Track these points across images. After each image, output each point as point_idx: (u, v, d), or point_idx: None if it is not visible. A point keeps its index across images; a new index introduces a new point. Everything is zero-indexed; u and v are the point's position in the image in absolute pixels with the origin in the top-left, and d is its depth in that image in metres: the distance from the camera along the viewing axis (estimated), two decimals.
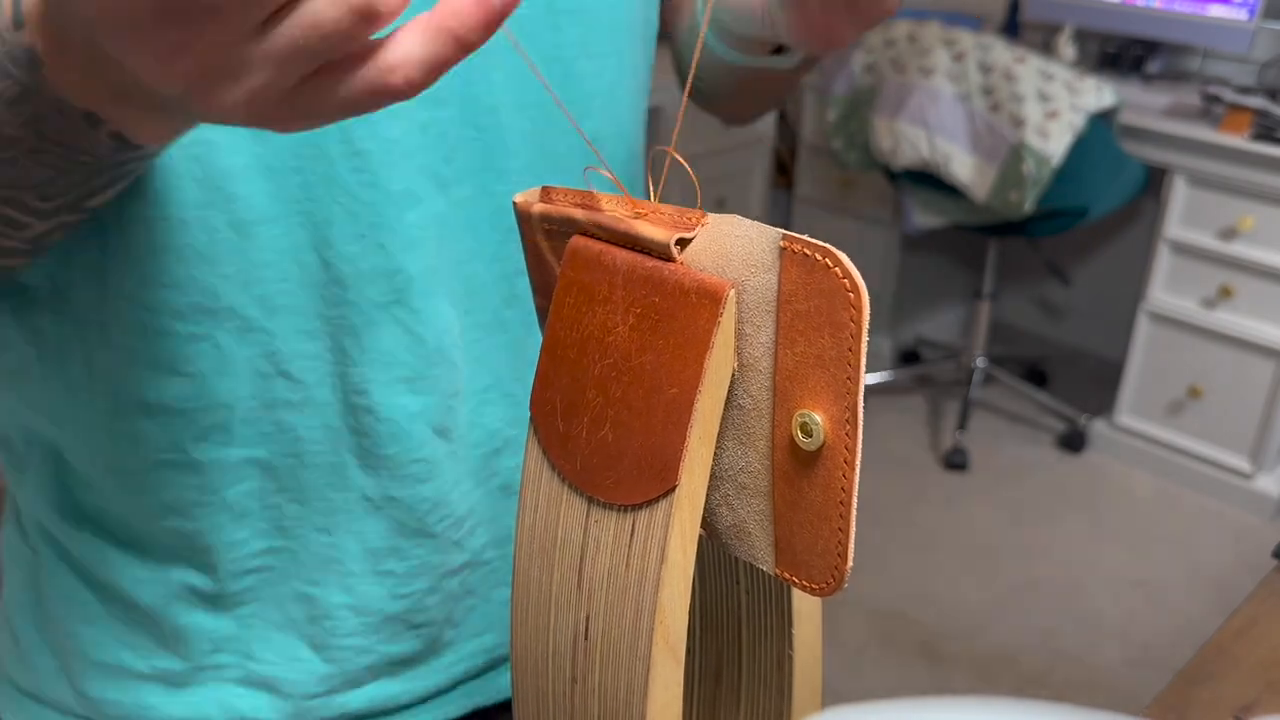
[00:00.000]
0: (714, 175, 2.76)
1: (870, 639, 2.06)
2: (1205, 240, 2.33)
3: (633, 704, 0.38)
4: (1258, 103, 2.21)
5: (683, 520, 0.37)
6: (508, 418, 0.60)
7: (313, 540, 0.57)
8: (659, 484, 0.36)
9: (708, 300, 0.36)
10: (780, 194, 3.17)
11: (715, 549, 0.48)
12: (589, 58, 0.56)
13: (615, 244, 0.38)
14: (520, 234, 0.43)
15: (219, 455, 0.54)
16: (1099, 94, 2.20)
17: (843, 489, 0.35)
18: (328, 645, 0.59)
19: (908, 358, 3.04)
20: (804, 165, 2.97)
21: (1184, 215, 2.35)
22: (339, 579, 0.58)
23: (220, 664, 0.58)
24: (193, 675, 0.58)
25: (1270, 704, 0.65)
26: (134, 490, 0.54)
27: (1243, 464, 2.41)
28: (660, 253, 0.37)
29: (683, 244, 0.37)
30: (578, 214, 0.39)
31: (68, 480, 0.57)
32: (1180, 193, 2.34)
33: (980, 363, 2.74)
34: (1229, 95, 2.26)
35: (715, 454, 0.38)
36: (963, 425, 2.65)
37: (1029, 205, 2.20)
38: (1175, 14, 2.47)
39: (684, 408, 0.36)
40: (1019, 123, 2.17)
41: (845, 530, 0.35)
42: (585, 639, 0.39)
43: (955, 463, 2.58)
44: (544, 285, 0.43)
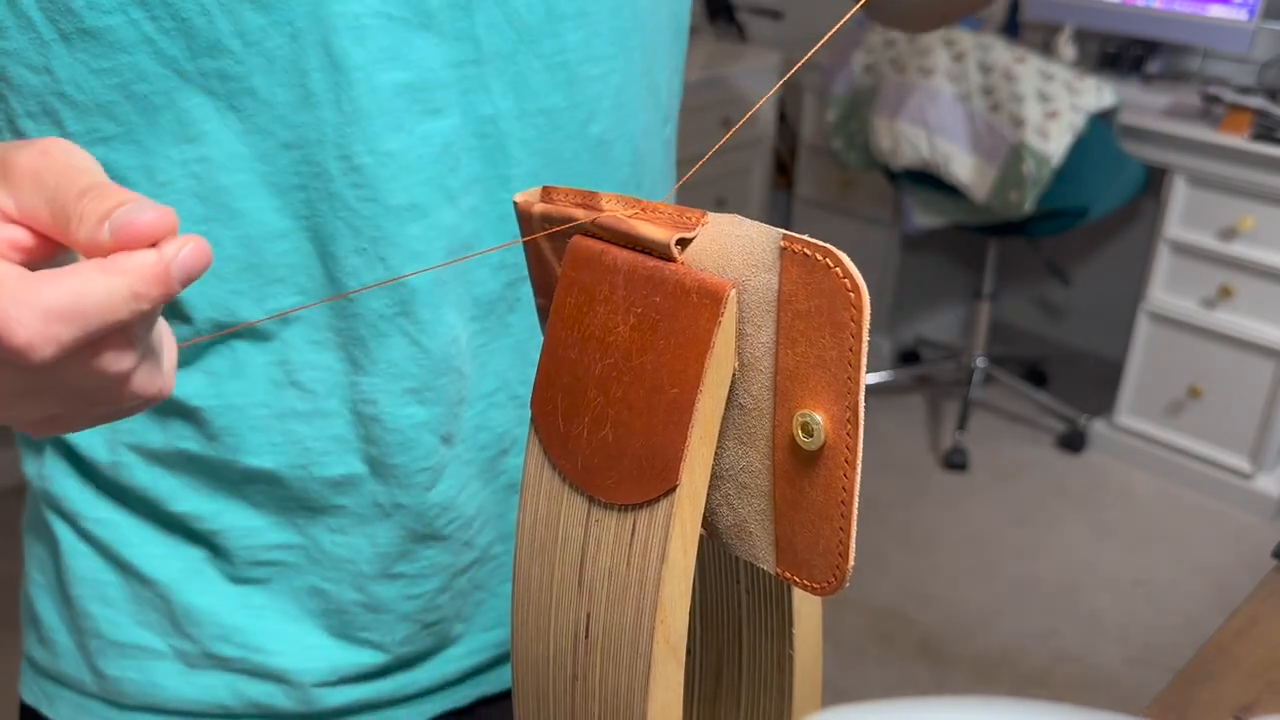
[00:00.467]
0: (714, 175, 2.76)
1: (870, 639, 2.06)
2: (1205, 240, 2.33)
3: (633, 703, 0.38)
4: (1258, 103, 2.21)
5: (683, 520, 0.37)
6: (514, 419, 0.60)
7: (325, 539, 0.58)
8: (660, 484, 0.37)
9: (709, 300, 0.36)
10: (780, 194, 3.17)
11: (716, 549, 0.48)
12: (593, 61, 0.56)
13: (616, 244, 0.38)
14: (521, 234, 0.43)
15: (232, 458, 0.55)
16: (1099, 94, 2.20)
17: (844, 489, 0.35)
18: (344, 634, 0.60)
19: (908, 358, 3.04)
20: (804, 165, 2.97)
21: (1184, 215, 2.36)
22: (351, 578, 0.59)
23: (226, 655, 0.59)
24: (202, 660, 0.59)
25: (1270, 704, 0.65)
26: (155, 469, 0.56)
27: (1243, 464, 2.41)
28: (661, 252, 0.37)
29: (683, 244, 0.37)
30: (578, 214, 0.39)
31: (87, 456, 0.58)
32: (1180, 193, 2.34)
33: (980, 363, 2.74)
34: (1229, 95, 2.27)
35: (716, 454, 0.38)
36: (963, 425, 2.65)
37: (1029, 205, 2.20)
38: (1175, 14, 2.47)
39: (685, 407, 0.36)
40: (1019, 123, 2.17)
41: (846, 530, 0.35)
42: (586, 637, 0.39)
43: (955, 463, 2.58)
44: (545, 285, 0.43)
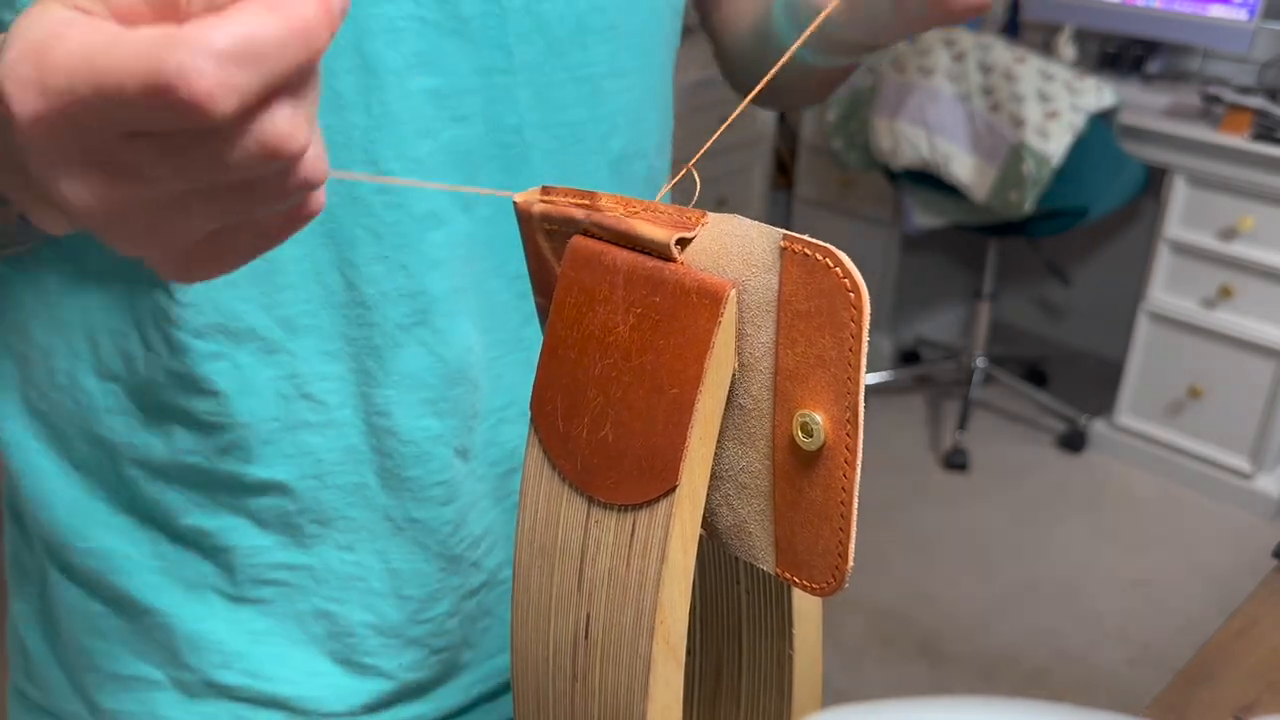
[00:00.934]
0: (714, 175, 2.76)
1: (870, 639, 2.06)
2: (1205, 240, 2.33)
3: (633, 703, 0.38)
4: (1258, 103, 2.21)
5: (683, 520, 0.37)
6: (524, 436, 0.59)
7: (334, 558, 0.56)
8: (659, 484, 0.36)
9: (708, 300, 0.35)
10: (780, 194, 3.17)
11: (716, 549, 0.48)
12: (617, 76, 0.56)
13: (615, 244, 0.38)
14: (521, 234, 0.43)
15: (240, 470, 0.54)
16: (1099, 94, 2.20)
17: (843, 489, 0.35)
18: (350, 660, 0.58)
19: (908, 358, 3.04)
20: (804, 165, 2.97)
21: (1184, 215, 2.35)
22: (361, 596, 0.57)
23: (228, 683, 0.57)
24: (203, 688, 0.57)
25: (1270, 704, 0.65)
26: (159, 483, 0.54)
27: (1243, 464, 2.41)
28: (661, 252, 0.37)
29: (683, 244, 0.37)
30: (578, 214, 0.39)
31: (92, 469, 0.56)
32: (1180, 193, 2.34)
33: (980, 363, 2.74)
34: (1229, 95, 2.26)
35: (716, 454, 0.38)
36: (963, 425, 2.65)
37: (1029, 205, 2.20)
38: (1175, 14, 2.47)
39: (685, 408, 0.36)
40: (1019, 123, 2.17)
41: (846, 530, 0.35)
42: (586, 638, 0.39)
43: (955, 463, 2.57)
44: (544, 285, 0.43)
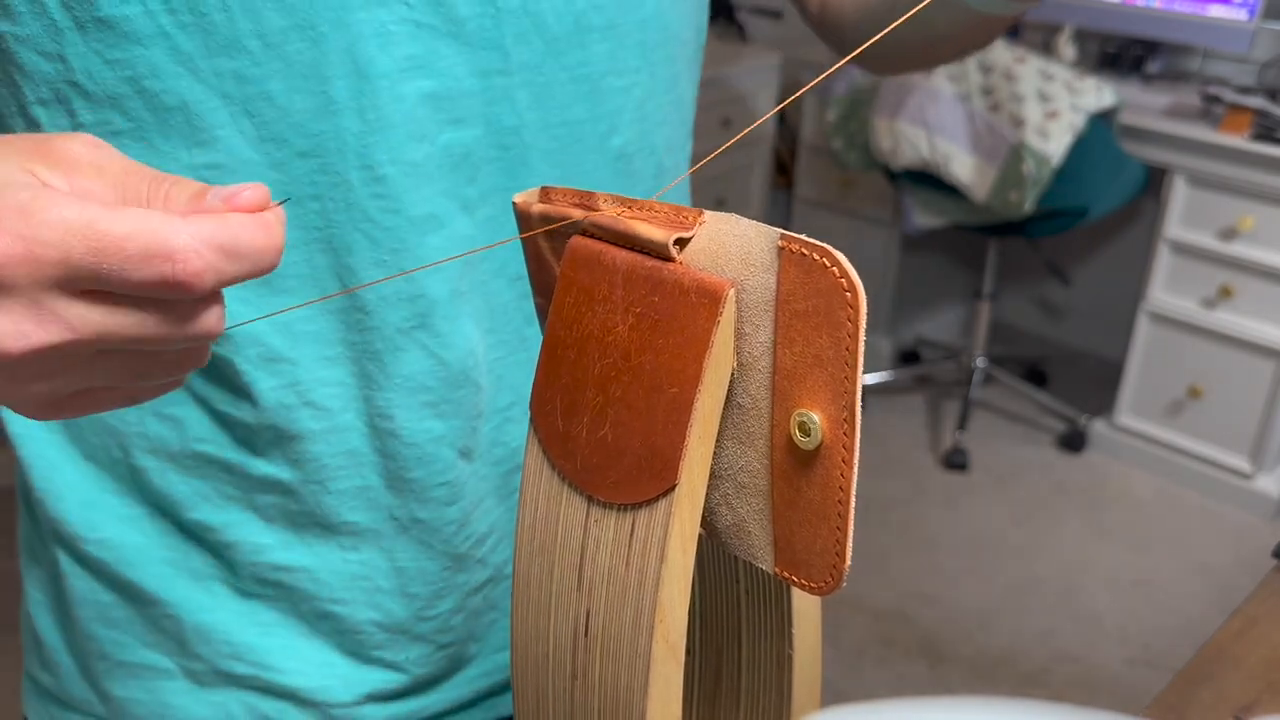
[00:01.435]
0: (714, 175, 2.76)
1: (870, 639, 2.06)
2: (1205, 240, 2.33)
3: (633, 702, 0.38)
4: (1258, 103, 2.21)
5: (682, 519, 0.37)
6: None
7: (337, 558, 0.56)
8: (659, 483, 0.37)
9: (707, 300, 0.36)
10: (780, 194, 3.17)
11: (715, 548, 0.48)
12: (617, 74, 0.55)
13: (614, 244, 0.38)
14: (520, 235, 0.43)
15: (248, 462, 0.54)
16: (1099, 94, 2.20)
17: (841, 488, 0.35)
18: (358, 654, 0.59)
19: (908, 358, 3.04)
20: (804, 165, 2.97)
21: (1184, 215, 2.35)
22: (367, 595, 0.57)
23: (237, 673, 0.58)
24: (213, 678, 0.58)
25: (1270, 704, 0.65)
26: (171, 473, 0.55)
27: (1243, 464, 2.41)
28: (659, 252, 0.37)
29: (681, 244, 0.37)
30: (576, 214, 0.39)
31: (101, 459, 0.56)
32: (1180, 193, 2.34)
33: (980, 363, 2.74)
34: (1229, 95, 2.27)
35: (715, 453, 0.38)
36: (963, 425, 2.65)
37: (1029, 205, 2.20)
38: (1175, 14, 2.47)
39: (683, 407, 0.36)
40: (1019, 123, 2.17)
41: (843, 529, 0.35)
42: (585, 635, 0.39)
43: (955, 463, 2.58)
44: (544, 285, 0.43)
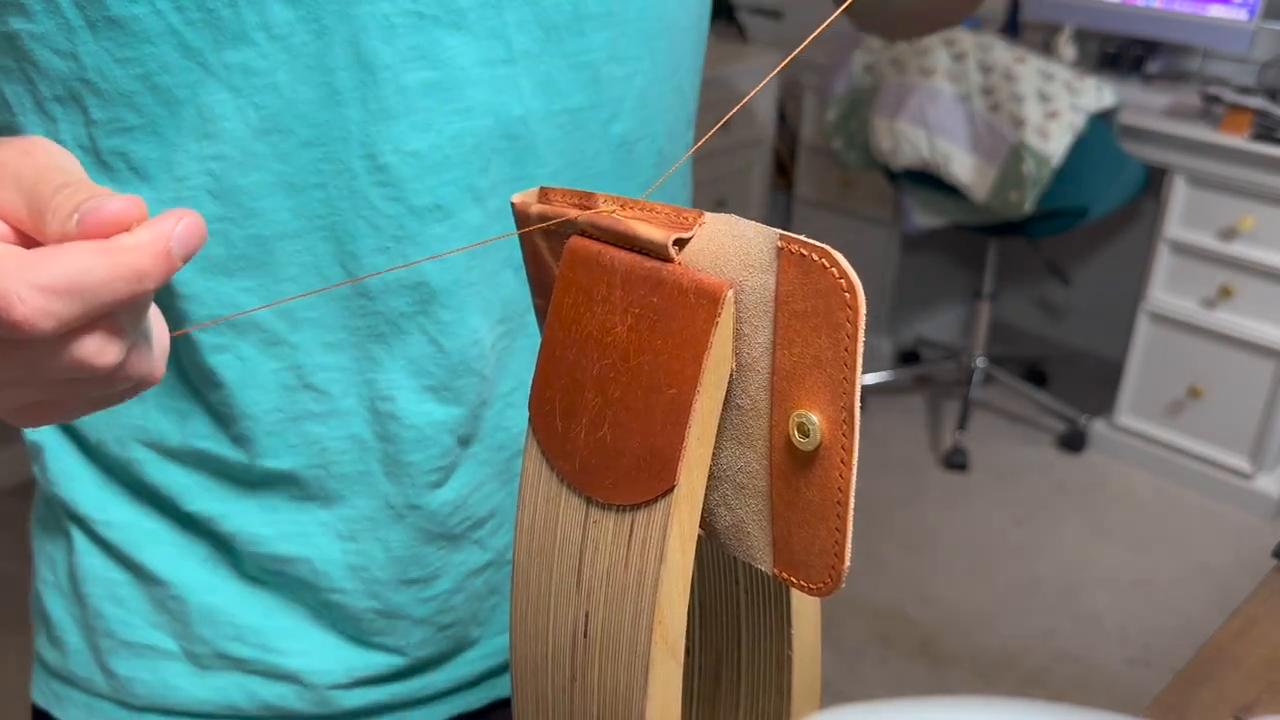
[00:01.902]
0: (714, 175, 2.76)
1: (870, 639, 2.06)
2: (1205, 240, 2.33)
3: (632, 703, 0.38)
4: (1258, 103, 2.21)
5: (681, 520, 0.37)
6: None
7: (335, 549, 0.57)
8: (657, 484, 0.37)
9: (706, 300, 0.36)
10: (780, 194, 3.17)
11: (714, 549, 0.48)
12: (618, 62, 0.55)
13: (613, 244, 0.38)
14: (519, 236, 0.43)
15: (248, 460, 0.55)
16: (1099, 94, 2.20)
17: (840, 489, 0.35)
18: (359, 638, 0.60)
19: (908, 358, 3.04)
20: (804, 165, 2.97)
21: (1184, 215, 2.35)
22: (365, 585, 0.58)
23: (239, 655, 0.58)
24: (214, 660, 0.59)
25: (1270, 704, 0.65)
26: (169, 467, 0.56)
27: (1243, 464, 2.41)
28: (658, 253, 0.37)
29: (680, 244, 0.37)
30: (574, 214, 0.39)
31: (98, 452, 0.57)
32: (1180, 193, 2.34)
33: (980, 363, 2.74)
34: (1229, 95, 2.26)
35: (713, 454, 0.38)
36: (963, 425, 2.65)
37: (1029, 205, 2.20)
38: (1175, 14, 2.47)
39: (682, 408, 0.36)
40: (1019, 123, 2.17)
41: (842, 530, 0.35)
42: (584, 638, 0.39)
43: (955, 463, 2.58)
44: (542, 285, 0.43)
